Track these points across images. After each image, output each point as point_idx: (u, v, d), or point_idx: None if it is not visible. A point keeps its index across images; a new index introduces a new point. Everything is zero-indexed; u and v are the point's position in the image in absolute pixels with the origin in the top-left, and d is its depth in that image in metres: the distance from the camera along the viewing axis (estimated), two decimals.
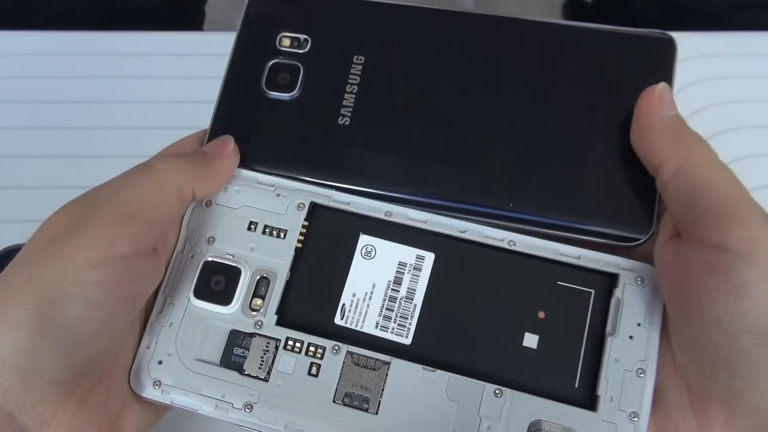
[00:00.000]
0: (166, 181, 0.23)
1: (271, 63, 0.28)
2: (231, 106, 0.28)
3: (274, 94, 0.28)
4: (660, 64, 0.26)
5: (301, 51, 0.28)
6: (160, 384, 0.24)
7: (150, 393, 0.24)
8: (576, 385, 0.24)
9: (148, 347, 0.25)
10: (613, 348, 0.24)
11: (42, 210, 0.22)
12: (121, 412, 0.23)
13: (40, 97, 0.43)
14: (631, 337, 0.24)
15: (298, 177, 0.27)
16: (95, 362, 0.22)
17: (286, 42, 0.28)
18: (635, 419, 0.23)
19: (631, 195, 0.25)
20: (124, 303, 0.22)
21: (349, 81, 0.27)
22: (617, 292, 0.24)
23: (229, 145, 0.26)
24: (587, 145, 0.25)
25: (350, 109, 0.27)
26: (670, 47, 0.26)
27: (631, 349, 0.23)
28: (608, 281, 0.25)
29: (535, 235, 0.25)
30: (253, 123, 0.28)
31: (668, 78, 0.25)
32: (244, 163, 0.27)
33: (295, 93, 0.28)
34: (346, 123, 0.27)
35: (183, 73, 0.42)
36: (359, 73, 0.27)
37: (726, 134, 0.39)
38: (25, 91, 0.43)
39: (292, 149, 0.27)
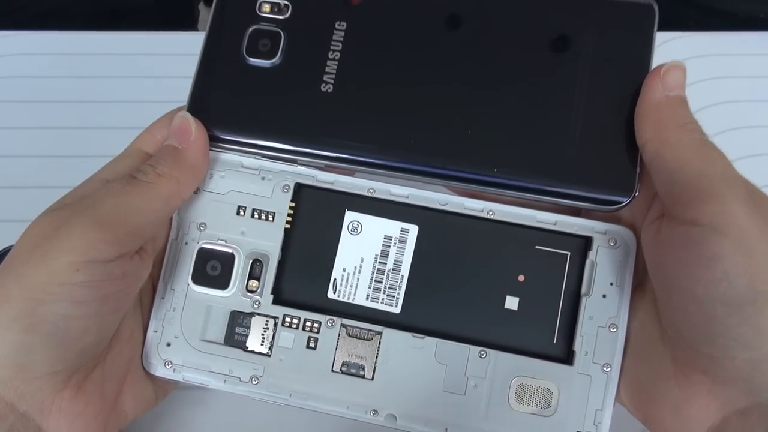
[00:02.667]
0: (151, 192, 0.24)
1: (251, 29, 0.27)
2: (211, 75, 0.28)
3: (255, 61, 0.27)
4: (640, 30, 0.25)
5: (281, 17, 0.28)
6: (171, 364, 0.26)
7: (162, 372, 0.26)
8: (554, 342, 0.26)
9: (156, 331, 0.27)
10: (587, 307, 0.25)
11: (40, 210, 0.23)
12: (118, 396, 0.25)
13: (40, 97, 0.43)
14: (604, 296, 0.25)
15: (281, 147, 0.27)
16: (87, 354, 0.23)
17: (266, 8, 0.28)
18: (608, 369, 0.25)
19: (614, 159, 0.25)
20: (109, 301, 0.23)
21: (331, 47, 0.27)
22: (591, 255, 0.26)
23: (190, 127, 0.26)
24: (569, 110, 0.26)
25: (333, 76, 0.27)
26: (650, 13, 0.26)
27: (604, 307, 0.25)
28: (583, 244, 0.26)
29: (519, 201, 0.26)
30: (234, 92, 0.27)
31: (649, 42, 0.25)
32: (227, 133, 0.27)
33: (276, 60, 0.27)
34: (329, 90, 0.27)
35: (181, 73, 0.41)
36: (341, 39, 0.27)
37: (726, 134, 0.39)
38: (24, 91, 0.43)
39: (274, 117, 0.27)
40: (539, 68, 0.26)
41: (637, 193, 0.25)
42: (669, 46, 0.43)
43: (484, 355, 0.26)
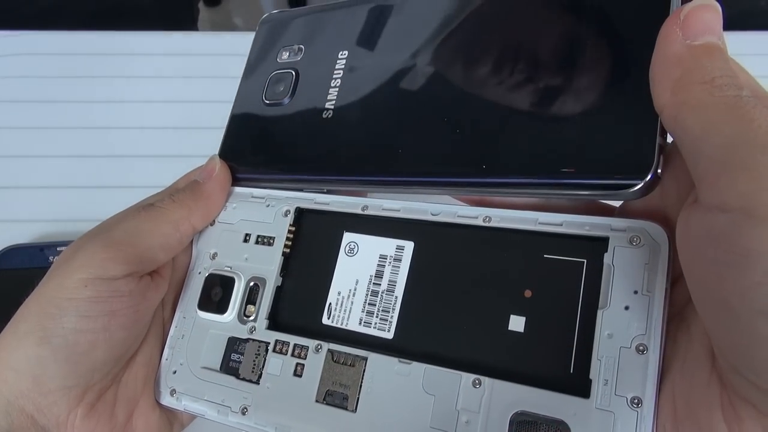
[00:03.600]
0: (162, 216, 0.26)
1: (271, 75, 0.30)
2: (236, 121, 0.30)
3: (273, 102, 0.29)
4: None
5: (296, 59, 0.30)
6: (175, 392, 0.26)
7: (167, 401, 0.26)
8: (571, 371, 0.20)
9: (167, 359, 0.27)
10: (604, 322, 0.20)
11: (41, 210, 0.24)
12: (128, 420, 0.26)
13: (40, 97, 0.44)
14: (626, 308, 0.20)
15: (289, 176, 0.27)
16: (99, 371, 0.24)
17: (285, 54, 0.30)
18: (638, 406, 0.19)
19: (622, 133, 0.20)
20: (117, 316, 0.24)
21: (334, 76, 0.28)
22: (607, 258, 0.21)
23: (215, 166, 0.28)
24: (567, 76, 0.22)
25: (333, 102, 0.27)
26: None
27: (628, 322, 0.20)
28: (600, 247, 0.21)
29: (521, 204, 0.23)
30: (256, 133, 0.29)
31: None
32: (247, 172, 0.28)
33: (289, 97, 0.29)
34: (329, 116, 0.27)
35: (181, 73, 0.43)
36: (342, 67, 0.28)
37: None
38: (24, 91, 0.44)
39: (286, 149, 0.28)
40: (536, 31, 0.23)
41: (659, 171, 0.19)
42: None
43: (479, 384, 0.21)
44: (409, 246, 0.24)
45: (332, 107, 0.27)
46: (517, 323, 0.22)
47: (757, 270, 0.15)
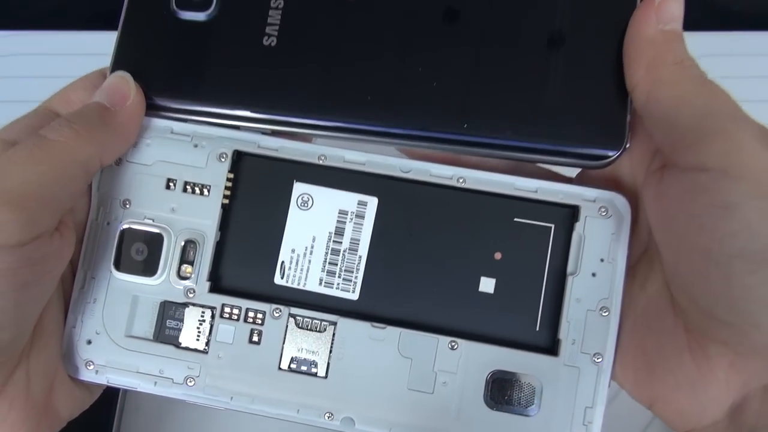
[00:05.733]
0: (65, 156, 0.20)
1: None
2: (136, 31, 0.24)
3: (187, 14, 0.23)
4: None
5: None
6: (93, 364, 0.23)
7: (85, 375, 0.23)
8: (537, 330, 0.22)
9: (74, 327, 0.23)
10: (574, 287, 0.22)
11: None
12: (48, 394, 0.22)
13: (40, 97, 0.41)
14: (593, 275, 0.22)
15: (223, 112, 0.23)
16: (6, 352, 0.20)
17: None
18: (599, 360, 0.21)
19: (599, 106, 0.22)
20: (28, 289, 0.20)
21: None
22: (578, 227, 0.22)
23: (129, 89, 0.22)
24: (545, 52, 0.22)
25: (276, 28, 0.23)
26: None
27: (594, 287, 0.22)
28: (569, 214, 0.22)
29: (495, 166, 0.23)
30: (163, 51, 0.24)
31: None
32: (157, 99, 0.23)
33: (211, 11, 0.23)
34: (273, 43, 0.23)
35: None
36: None
37: None
38: (24, 91, 0.40)
39: (211, 78, 0.23)
40: (509, 2, 0.22)
41: (628, 145, 0.21)
42: None
43: (455, 346, 0.22)
44: (372, 202, 0.23)
45: (275, 33, 0.23)
46: (487, 285, 0.22)
47: (735, 219, 0.17)
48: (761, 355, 0.19)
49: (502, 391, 0.22)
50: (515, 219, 0.23)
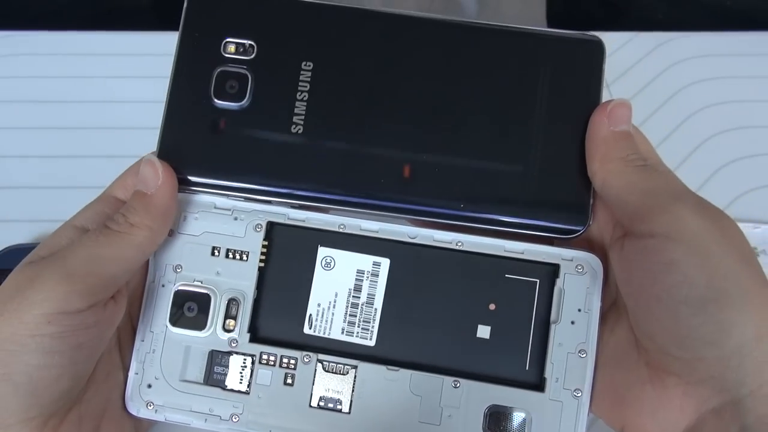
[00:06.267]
0: (124, 242, 0.25)
1: (217, 71, 0.28)
2: (179, 118, 0.28)
3: (223, 104, 0.28)
4: (590, 65, 0.26)
5: (247, 57, 0.28)
6: (153, 405, 0.27)
7: (145, 413, 0.27)
8: (527, 369, 0.26)
9: (137, 373, 0.27)
10: (557, 334, 0.26)
11: (41, 210, 0.23)
12: None
13: (40, 97, 0.43)
14: (572, 323, 0.26)
15: (255, 188, 0.27)
16: (62, 399, 0.24)
17: (231, 48, 0.28)
18: (579, 395, 0.26)
19: (569, 191, 0.26)
20: (83, 349, 0.24)
21: (299, 88, 0.27)
22: (559, 282, 0.26)
23: (157, 171, 0.26)
24: (527, 150, 0.26)
25: (302, 117, 0.27)
26: (598, 49, 0.26)
27: (573, 333, 0.26)
28: (551, 270, 0.27)
29: (485, 231, 0.27)
30: (203, 134, 0.27)
31: (598, 78, 0.26)
32: (200, 178, 0.27)
33: (244, 102, 0.28)
34: (299, 131, 0.27)
35: None
36: (308, 79, 0.27)
37: (726, 134, 0.40)
38: (24, 91, 0.43)
39: (246, 159, 0.27)
40: (496, 107, 0.27)
41: (591, 222, 0.26)
42: (669, 46, 0.45)
43: (458, 384, 0.26)
44: (385, 263, 0.27)
45: (301, 122, 0.27)
46: (484, 331, 0.27)
47: (677, 273, 0.22)
48: (707, 384, 0.22)
49: (497, 423, 0.26)
50: (506, 275, 0.27)
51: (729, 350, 0.21)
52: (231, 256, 0.27)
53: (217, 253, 0.27)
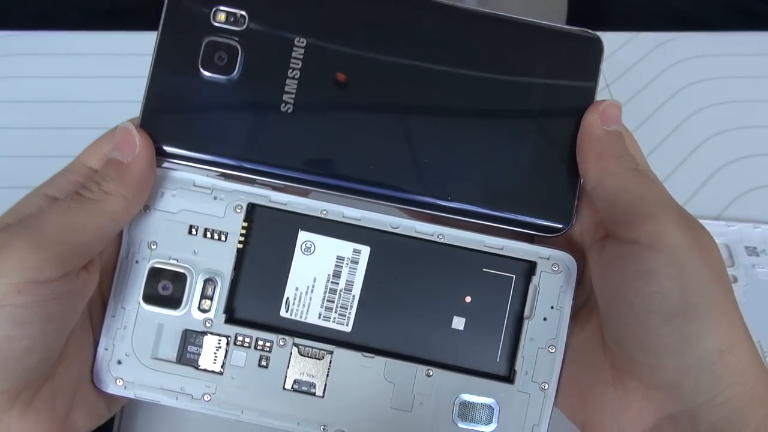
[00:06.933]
0: (97, 209, 0.24)
1: (206, 41, 0.27)
2: (164, 86, 0.27)
3: (211, 76, 0.27)
4: (587, 63, 0.26)
5: (238, 28, 0.27)
6: (122, 381, 0.27)
7: (114, 389, 0.27)
8: (497, 361, 0.27)
9: (106, 349, 0.27)
10: (529, 329, 0.27)
11: None
12: (70, 410, 0.25)
13: (40, 97, 0.43)
14: (545, 319, 0.27)
15: (238, 165, 0.27)
16: (34, 372, 0.23)
17: (221, 17, 0.27)
18: (545, 387, 0.27)
19: (556, 191, 0.27)
20: (54, 319, 0.23)
21: (291, 65, 0.27)
22: (534, 279, 0.27)
23: (134, 138, 0.25)
24: (517, 145, 0.27)
25: (292, 96, 0.27)
26: (597, 47, 0.26)
27: (545, 330, 0.27)
28: (528, 267, 0.27)
29: (468, 226, 0.27)
30: (188, 105, 0.27)
31: (594, 77, 0.26)
32: (180, 150, 0.26)
33: (233, 75, 0.27)
34: (289, 111, 0.27)
35: None
36: (301, 56, 0.27)
37: (726, 134, 0.40)
38: (24, 91, 0.43)
39: (231, 135, 0.27)
40: (491, 103, 0.27)
41: (574, 222, 0.27)
42: (669, 46, 0.45)
43: (431, 373, 0.27)
44: (365, 250, 0.27)
45: (291, 101, 0.27)
46: (458, 323, 0.27)
47: (653, 282, 0.23)
48: (665, 390, 0.24)
49: (467, 411, 0.27)
50: (483, 269, 0.27)
51: (691, 361, 0.23)
52: (209, 235, 0.27)
53: (194, 232, 0.27)
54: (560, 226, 0.27)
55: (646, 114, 0.42)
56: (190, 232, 0.27)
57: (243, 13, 0.27)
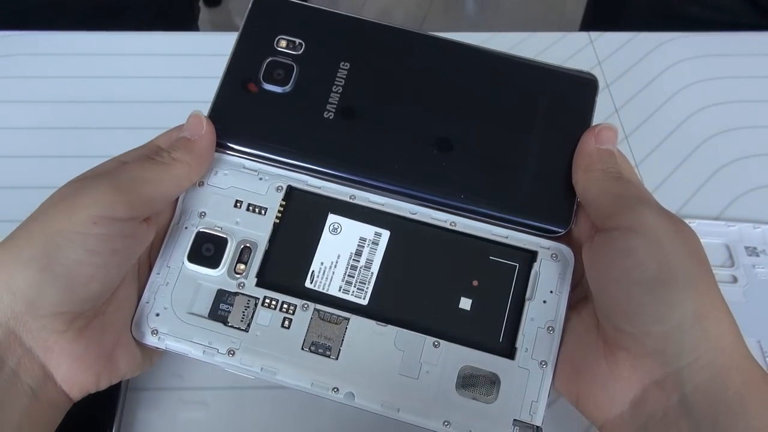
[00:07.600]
0: (166, 171, 0.28)
1: (269, 60, 0.33)
2: (230, 91, 0.33)
3: (270, 87, 0.33)
4: (583, 98, 0.32)
5: (295, 53, 0.33)
6: (157, 332, 0.29)
7: (149, 339, 0.29)
8: (500, 340, 0.29)
9: (148, 302, 0.30)
10: (530, 310, 0.29)
11: None
12: (114, 348, 0.28)
13: (40, 97, 0.44)
14: (544, 302, 0.29)
15: (285, 160, 0.31)
16: (90, 302, 0.26)
17: (283, 44, 0.33)
18: (544, 366, 0.28)
19: (556, 199, 0.31)
20: (117, 255, 0.27)
21: (336, 82, 0.32)
22: (536, 266, 0.30)
23: (203, 123, 0.30)
24: (524, 158, 0.31)
25: (335, 106, 0.32)
26: (592, 85, 0.32)
27: (544, 311, 0.29)
28: (530, 257, 0.30)
29: (477, 220, 0.31)
30: (248, 109, 0.32)
31: (591, 106, 0.31)
32: (238, 144, 0.32)
33: (288, 88, 0.32)
34: (330, 117, 0.32)
35: (181, 73, 0.45)
36: (344, 76, 0.32)
37: (726, 134, 0.41)
38: (24, 91, 0.44)
39: (280, 135, 0.32)
40: (503, 123, 0.32)
41: (573, 225, 0.30)
42: (669, 46, 0.46)
43: (438, 344, 0.29)
44: (385, 234, 0.31)
45: (333, 110, 0.32)
46: (465, 303, 0.30)
47: (633, 258, 0.25)
48: (651, 356, 0.25)
49: (470, 382, 0.28)
50: (490, 257, 0.30)
51: (671, 326, 0.25)
52: (251, 209, 0.31)
53: (239, 206, 0.31)
54: (559, 229, 0.30)
55: (646, 114, 0.42)
56: (235, 206, 0.31)
57: (300, 41, 0.33)
